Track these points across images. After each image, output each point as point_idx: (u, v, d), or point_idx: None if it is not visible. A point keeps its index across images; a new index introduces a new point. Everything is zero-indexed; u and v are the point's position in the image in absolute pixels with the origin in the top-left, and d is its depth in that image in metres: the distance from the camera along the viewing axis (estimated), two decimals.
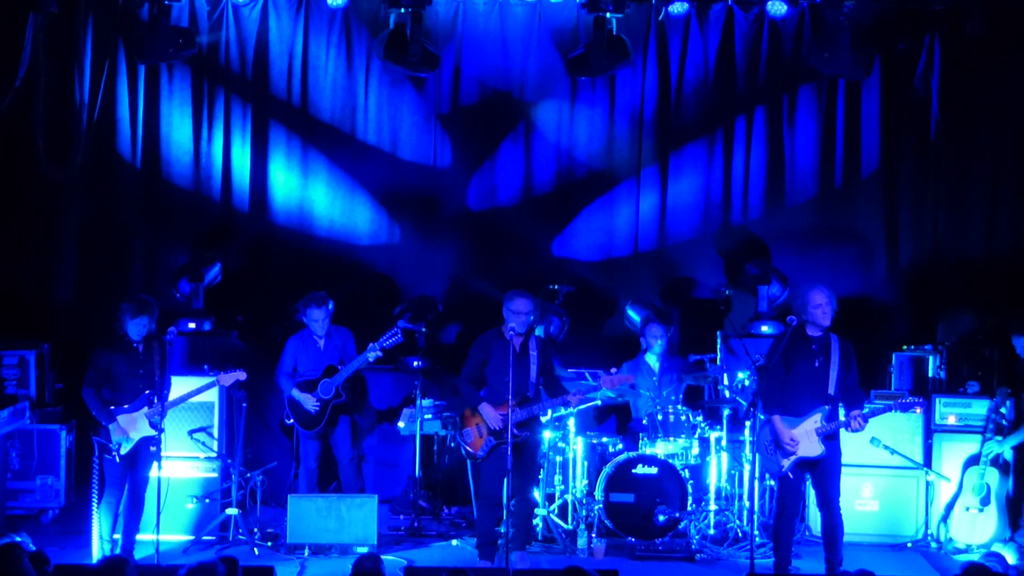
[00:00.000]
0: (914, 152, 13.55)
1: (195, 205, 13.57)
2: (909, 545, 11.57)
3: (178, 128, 13.52)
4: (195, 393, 10.73)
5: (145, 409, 10.26)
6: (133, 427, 10.30)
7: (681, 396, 12.11)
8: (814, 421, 9.88)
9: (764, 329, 12.86)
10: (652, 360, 12.23)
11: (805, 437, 9.87)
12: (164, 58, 13.06)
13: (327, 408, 11.66)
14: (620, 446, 11.77)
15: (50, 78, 13.02)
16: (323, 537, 10.99)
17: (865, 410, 10.07)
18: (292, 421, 11.80)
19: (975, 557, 11.01)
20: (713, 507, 11.57)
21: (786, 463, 9.94)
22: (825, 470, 10.01)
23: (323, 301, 11.81)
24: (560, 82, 13.62)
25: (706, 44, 13.56)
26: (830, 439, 9.96)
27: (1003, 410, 11.43)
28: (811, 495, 10.73)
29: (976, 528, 11.35)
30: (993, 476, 11.36)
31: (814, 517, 11.10)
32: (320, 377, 11.68)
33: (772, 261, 13.36)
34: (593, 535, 11.27)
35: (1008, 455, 11.47)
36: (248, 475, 11.43)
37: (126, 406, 10.31)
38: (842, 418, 10.06)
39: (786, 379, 9.95)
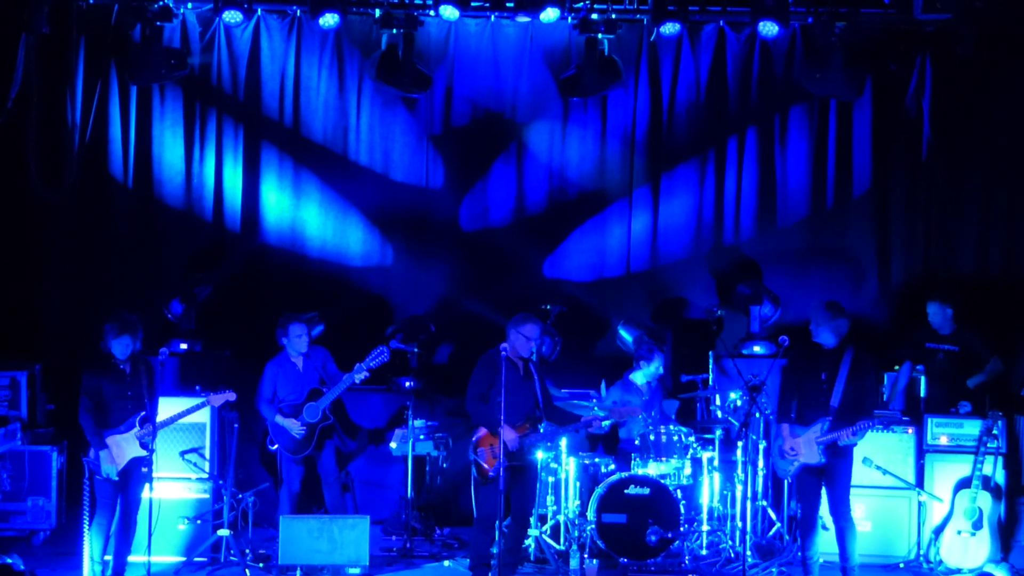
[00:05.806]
0: (905, 172, 13.60)
1: (187, 225, 13.58)
2: (901, 565, 11.56)
3: (170, 149, 13.53)
4: (185, 414, 10.71)
5: (136, 430, 10.23)
6: (122, 451, 10.27)
7: (674, 415, 12.09)
8: (815, 431, 10.16)
9: (756, 349, 12.91)
10: (639, 379, 12.21)
11: (806, 446, 10.20)
12: (156, 79, 13.10)
13: (315, 432, 11.64)
14: (612, 466, 11.75)
15: (42, 99, 13.06)
16: (315, 558, 10.94)
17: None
18: (277, 447, 11.77)
19: None
20: (705, 527, 11.60)
21: (790, 468, 10.35)
22: (830, 479, 10.26)
23: (309, 319, 11.78)
24: (552, 103, 13.66)
25: (698, 65, 13.61)
26: (833, 450, 10.15)
27: (995, 431, 11.43)
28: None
29: (968, 552, 11.32)
30: (985, 500, 11.33)
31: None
32: (304, 401, 11.65)
33: (764, 281, 13.38)
34: (585, 556, 11.23)
35: (999, 477, 11.47)
36: (240, 496, 11.40)
37: (115, 428, 10.29)
38: None
39: (797, 391, 10.37)
